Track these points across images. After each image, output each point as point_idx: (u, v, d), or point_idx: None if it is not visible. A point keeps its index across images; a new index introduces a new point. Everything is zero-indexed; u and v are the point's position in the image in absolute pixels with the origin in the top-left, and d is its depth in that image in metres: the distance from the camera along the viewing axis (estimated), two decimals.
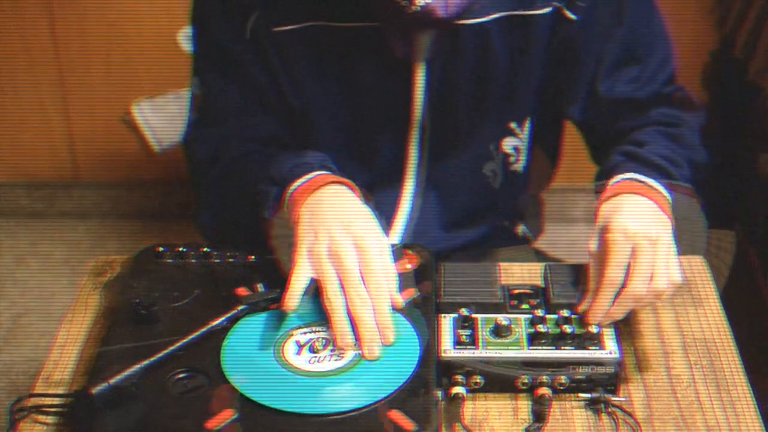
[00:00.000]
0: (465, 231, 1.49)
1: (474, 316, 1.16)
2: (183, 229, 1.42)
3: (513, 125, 1.42)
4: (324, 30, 1.32)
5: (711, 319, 1.26)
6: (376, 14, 1.29)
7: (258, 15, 1.32)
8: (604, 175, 1.31)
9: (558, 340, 1.13)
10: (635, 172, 1.27)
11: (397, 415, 1.03)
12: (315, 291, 1.17)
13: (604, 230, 1.19)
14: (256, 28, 1.33)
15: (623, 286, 1.15)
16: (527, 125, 1.44)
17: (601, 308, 1.15)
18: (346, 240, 1.16)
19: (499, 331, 1.14)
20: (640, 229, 1.16)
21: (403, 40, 1.32)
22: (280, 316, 1.16)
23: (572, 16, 1.34)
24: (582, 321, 1.15)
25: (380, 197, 1.42)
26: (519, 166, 1.47)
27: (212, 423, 1.03)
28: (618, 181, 1.27)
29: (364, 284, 1.15)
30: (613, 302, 1.15)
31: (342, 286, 1.15)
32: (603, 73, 1.39)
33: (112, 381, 1.05)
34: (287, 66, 1.35)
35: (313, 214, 1.20)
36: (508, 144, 1.43)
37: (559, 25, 1.35)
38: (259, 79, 1.36)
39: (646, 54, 1.39)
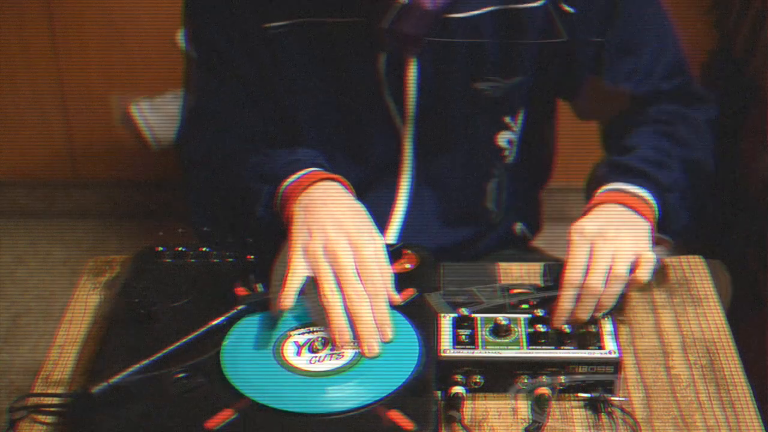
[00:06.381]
0: (462, 227, 1.49)
1: (473, 315, 1.16)
2: (182, 228, 1.42)
3: (507, 119, 1.42)
4: (314, 26, 1.32)
5: (710, 319, 1.26)
6: (364, 9, 1.29)
7: (248, 12, 1.32)
8: (592, 186, 1.32)
9: (558, 340, 1.13)
10: (618, 182, 1.28)
11: (396, 415, 1.03)
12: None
13: None
14: (246, 25, 1.32)
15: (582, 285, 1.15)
16: (520, 117, 1.44)
17: (564, 309, 1.15)
18: (341, 238, 1.16)
19: (498, 330, 1.14)
20: (595, 229, 1.18)
21: (393, 34, 1.31)
22: (279, 316, 1.16)
23: (570, 9, 1.33)
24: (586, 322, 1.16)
25: (376, 195, 1.42)
26: (513, 159, 1.47)
27: (212, 423, 1.03)
28: (601, 193, 1.28)
29: (361, 282, 1.15)
30: (576, 303, 1.15)
31: (339, 284, 1.15)
32: (605, 66, 1.38)
33: (112, 381, 1.05)
34: (278, 63, 1.35)
35: (306, 212, 1.20)
36: (502, 138, 1.43)
37: (557, 17, 1.34)
38: (250, 76, 1.36)
39: (639, 46, 1.38)
